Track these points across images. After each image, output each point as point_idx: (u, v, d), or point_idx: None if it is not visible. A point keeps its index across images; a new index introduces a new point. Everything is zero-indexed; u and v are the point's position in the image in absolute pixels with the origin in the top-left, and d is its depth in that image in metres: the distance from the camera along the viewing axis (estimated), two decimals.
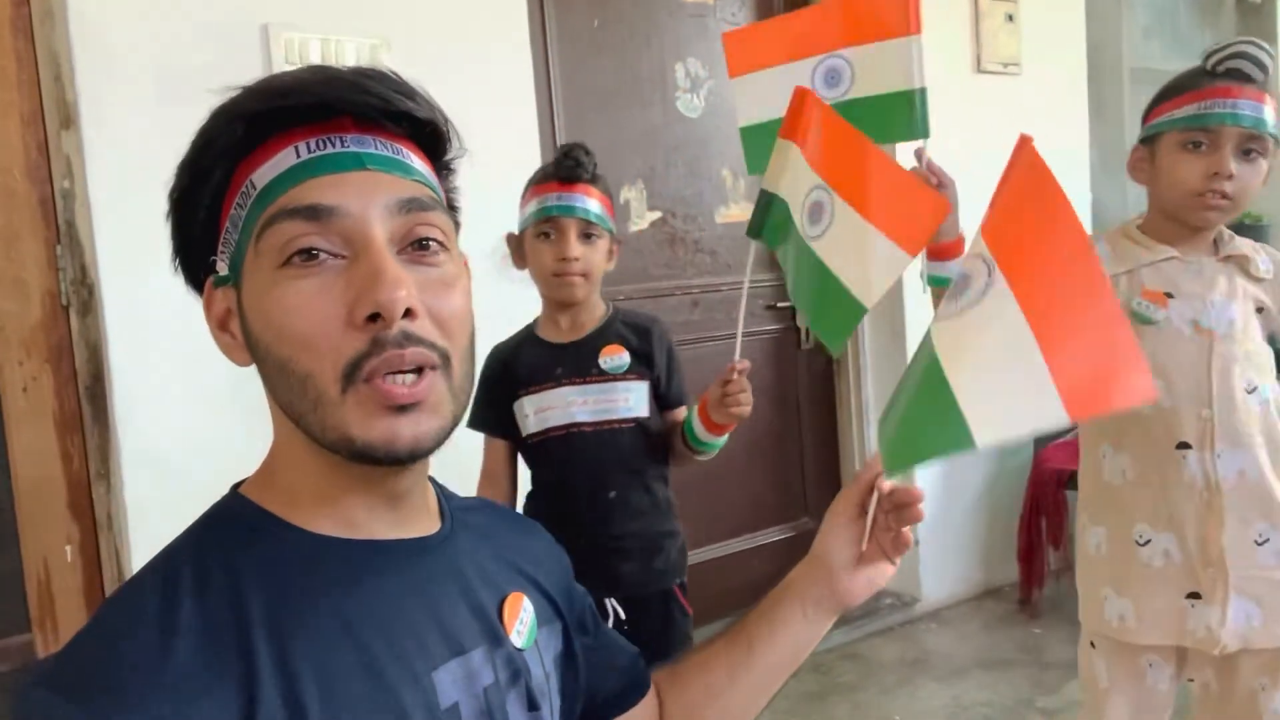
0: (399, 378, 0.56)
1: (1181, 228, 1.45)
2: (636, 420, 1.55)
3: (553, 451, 1.55)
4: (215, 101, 0.60)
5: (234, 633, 0.54)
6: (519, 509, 1.61)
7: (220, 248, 0.61)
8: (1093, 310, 0.67)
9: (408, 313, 0.56)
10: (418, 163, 0.62)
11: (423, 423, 0.57)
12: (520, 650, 0.67)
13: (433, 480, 0.70)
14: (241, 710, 0.51)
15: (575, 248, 1.50)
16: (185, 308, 0.70)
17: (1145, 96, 1.56)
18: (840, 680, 2.64)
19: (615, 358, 1.55)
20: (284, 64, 1.91)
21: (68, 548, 1.80)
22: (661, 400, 1.60)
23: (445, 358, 0.58)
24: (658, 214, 2.77)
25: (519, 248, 1.59)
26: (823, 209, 1.11)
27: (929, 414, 0.71)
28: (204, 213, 0.61)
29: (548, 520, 1.52)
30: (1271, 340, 1.48)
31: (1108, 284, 0.69)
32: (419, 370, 0.57)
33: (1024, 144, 0.74)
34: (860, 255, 1.08)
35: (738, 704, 0.81)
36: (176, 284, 0.66)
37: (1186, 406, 1.41)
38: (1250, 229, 4.00)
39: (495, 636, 0.65)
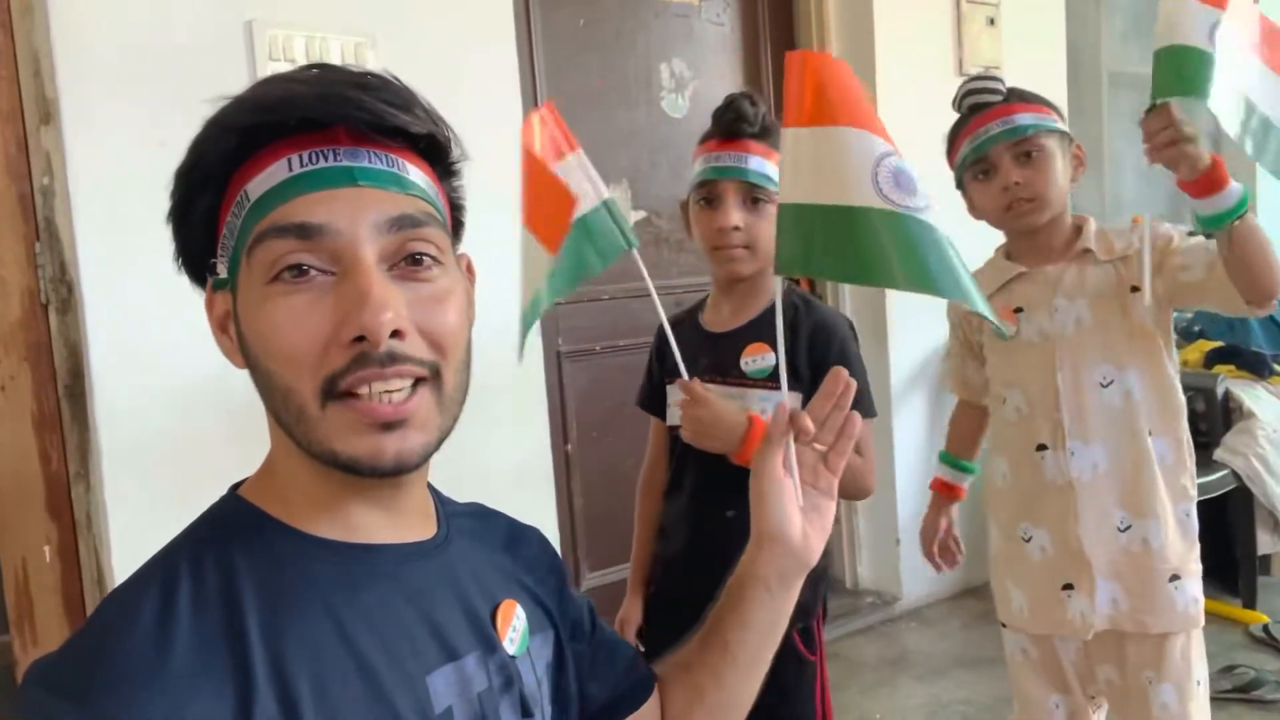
0: (385, 395, 0.56)
1: (1022, 240, 1.54)
2: None
3: (680, 451, 1.39)
4: (203, 106, 0.60)
5: (229, 633, 0.54)
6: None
7: (219, 252, 0.61)
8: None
9: (396, 333, 0.56)
10: (414, 173, 0.61)
11: (408, 439, 0.57)
12: (513, 657, 0.67)
13: (430, 486, 0.70)
14: (236, 710, 0.52)
15: (735, 215, 1.31)
16: (166, 306, 0.70)
17: (1123, 99, 1.60)
18: None
19: (758, 359, 1.34)
20: (268, 61, 1.90)
21: (46, 548, 1.78)
22: None
23: (436, 371, 0.59)
24: (642, 214, 2.77)
25: (689, 218, 1.41)
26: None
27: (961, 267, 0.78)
28: (202, 219, 0.61)
29: (673, 519, 1.44)
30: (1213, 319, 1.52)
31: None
32: (414, 384, 0.57)
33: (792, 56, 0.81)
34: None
35: (731, 696, 0.80)
36: (157, 282, 0.66)
37: (1041, 412, 1.50)
38: None
39: (489, 642, 0.65)
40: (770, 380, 1.34)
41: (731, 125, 1.32)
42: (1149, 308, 1.43)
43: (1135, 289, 1.44)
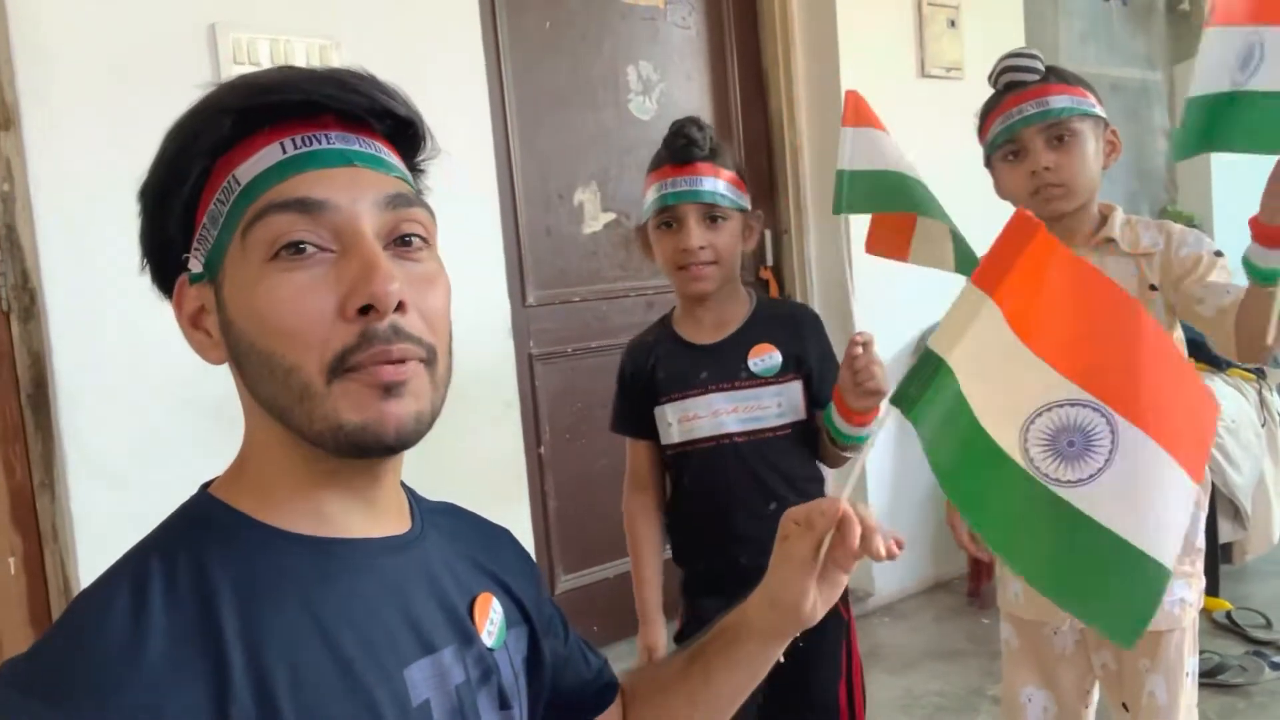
0: (387, 367, 0.57)
1: (1046, 224, 1.51)
2: (792, 425, 1.41)
3: (701, 463, 1.43)
4: (167, 111, 0.60)
5: (204, 629, 0.54)
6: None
7: (195, 244, 0.61)
8: (1170, 380, 0.71)
9: (399, 306, 0.57)
10: (396, 161, 0.63)
11: (407, 405, 0.58)
12: (491, 650, 0.67)
13: (403, 484, 0.70)
14: (213, 706, 0.52)
15: (698, 235, 1.38)
16: (131, 313, 0.69)
17: None
18: None
19: (766, 358, 1.41)
20: (232, 65, 1.89)
21: (11, 560, 1.75)
22: (812, 399, 1.43)
23: (431, 353, 0.59)
24: (611, 215, 2.78)
25: (646, 241, 1.48)
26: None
27: (1132, 580, 0.71)
28: (180, 209, 0.61)
29: (699, 534, 1.47)
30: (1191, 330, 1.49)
31: (1169, 340, 0.72)
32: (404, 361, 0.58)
33: (1031, 226, 0.72)
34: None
35: None
36: (121, 289, 0.65)
37: None
38: None
39: (466, 635, 0.66)
40: (781, 375, 1.42)
41: (684, 150, 1.39)
42: (1162, 309, 1.42)
43: (1154, 288, 1.43)
